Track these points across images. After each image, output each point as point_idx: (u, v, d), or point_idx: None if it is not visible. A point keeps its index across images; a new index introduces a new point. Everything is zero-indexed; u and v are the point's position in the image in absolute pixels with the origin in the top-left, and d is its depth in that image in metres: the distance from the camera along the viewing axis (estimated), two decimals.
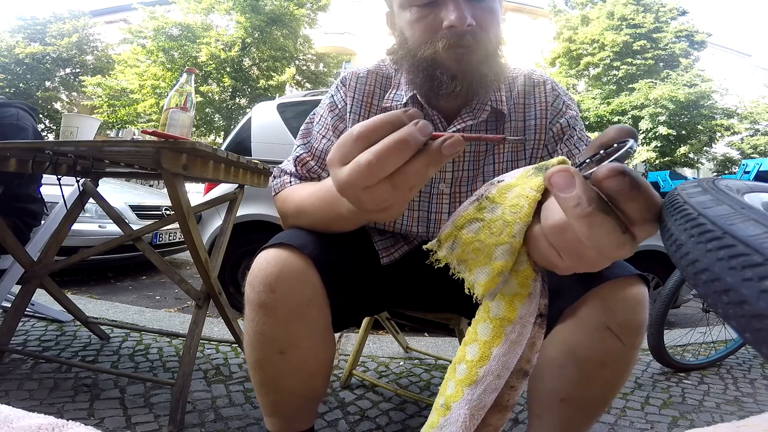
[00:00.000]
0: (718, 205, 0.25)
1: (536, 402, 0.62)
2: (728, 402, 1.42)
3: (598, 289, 0.56)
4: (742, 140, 14.61)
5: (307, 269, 0.56)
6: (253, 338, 0.59)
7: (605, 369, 0.56)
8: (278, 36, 13.04)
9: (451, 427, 0.38)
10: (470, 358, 0.38)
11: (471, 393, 0.38)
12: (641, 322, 0.56)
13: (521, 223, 0.33)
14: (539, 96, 0.70)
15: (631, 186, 0.26)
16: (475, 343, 0.39)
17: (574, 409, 0.58)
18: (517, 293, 0.36)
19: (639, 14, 13.52)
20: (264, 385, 0.63)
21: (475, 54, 0.59)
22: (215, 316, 1.71)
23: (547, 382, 0.60)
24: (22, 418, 0.25)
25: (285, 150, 2.40)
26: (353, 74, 0.74)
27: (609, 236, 0.27)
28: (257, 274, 0.56)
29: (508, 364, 0.37)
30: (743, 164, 1.96)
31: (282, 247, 0.57)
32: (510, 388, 0.39)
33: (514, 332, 0.37)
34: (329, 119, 0.73)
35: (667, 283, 1.71)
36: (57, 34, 14.45)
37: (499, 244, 0.34)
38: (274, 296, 0.55)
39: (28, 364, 1.27)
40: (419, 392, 1.35)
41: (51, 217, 1.45)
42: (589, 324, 0.56)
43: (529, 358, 0.39)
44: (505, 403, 0.40)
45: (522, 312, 0.36)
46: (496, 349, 0.37)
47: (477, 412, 0.37)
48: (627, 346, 0.55)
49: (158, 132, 0.90)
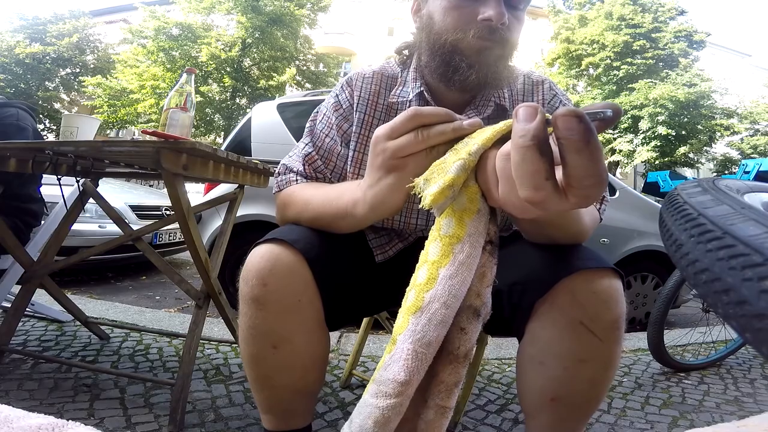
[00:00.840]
0: (718, 205, 0.25)
1: (527, 402, 0.62)
2: (728, 402, 1.42)
3: (567, 281, 0.55)
4: (742, 140, 14.62)
5: (298, 263, 0.57)
6: (246, 333, 0.60)
7: (586, 365, 0.55)
8: (278, 36, 13.04)
9: (394, 365, 0.35)
10: (419, 281, 0.36)
11: (415, 323, 0.35)
12: (615, 317, 0.54)
13: (479, 144, 0.35)
14: (537, 95, 0.73)
15: (583, 135, 0.27)
16: (425, 265, 0.37)
17: (566, 408, 0.58)
18: (466, 209, 0.36)
19: (638, 14, 13.52)
20: (258, 380, 0.63)
21: (497, 51, 0.62)
22: (215, 316, 1.71)
23: (532, 380, 0.60)
24: (22, 418, 0.25)
25: (285, 150, 2.36)
26: (359, 74, 0.76)
27: (531, 175, 0.29)
28: (250, 269, 0.57)
29: (455, 291, 0.35)
30: (743, 164, 1.96)
31: (275, 242, 0.58)
32: (460, 330, 0.37)
33: (463, 252, 0.35)
34: (333, 118, 0.74)
35: (667, 283, 1.71)
36: (57, 34, 14.45)
37: (456, 161, 0.35)
38: (266, 290, 0.56)
39: (28, 364, 1.27)
40: None
41: (51, 217, 1.45)
42: (561, 320, 0.55)
43: (479, 291, 0.38)
44: (456, 350, 0.37)
45: (471, 229, 0.36)
46: (443, 270, 0.35)
47: (421, 349, 0.34)
48: (604, 341, 0.54)
49: (158, 132, 0.90)
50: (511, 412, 1.24)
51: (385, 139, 0.42)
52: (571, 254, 0.58)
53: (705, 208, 0.25)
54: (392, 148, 0.41)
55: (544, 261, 0.59)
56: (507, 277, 0.61)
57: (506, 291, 0.61)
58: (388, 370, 0.35)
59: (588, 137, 0.27)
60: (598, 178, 0.28)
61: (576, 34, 14.20)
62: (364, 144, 0.72)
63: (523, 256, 0.63)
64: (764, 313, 0.19)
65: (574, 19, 14.46)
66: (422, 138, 0.40)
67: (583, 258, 0.57)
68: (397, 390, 0.34)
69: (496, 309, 0.64)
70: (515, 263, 0.63)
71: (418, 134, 0.40)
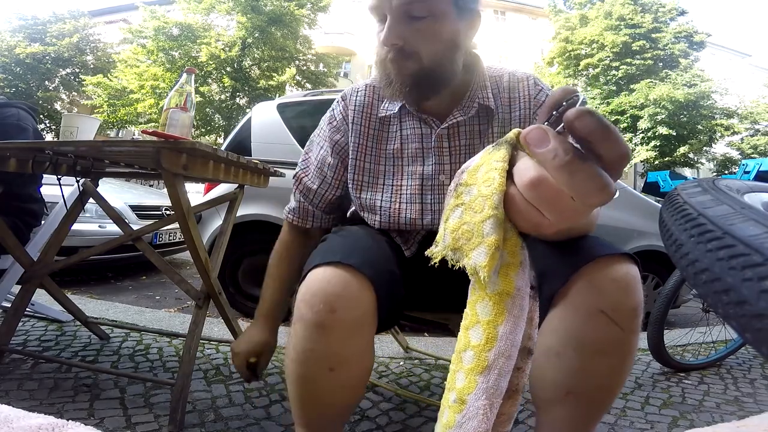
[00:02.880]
0: (718, 205, 0.25)
1: (541, 396, 0.61)
2: (728, 402, 1.42)
3: (585, 269, 0.55)
4: (742, 140, 14.61)
5: (366, 290, 0.57)
6: (301, 355, 0.58)
7: (606, 357, 0.55)
8: (278, 36, 13.04)
9: (471, 422, 0.35)
10: (475, 342, 0.36)
11: (485, 380, 0.35)
12: (635, 305, 0.54)
13: (498, 193, 0.33)
14: (523, 90, 0.77)
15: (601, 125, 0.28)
16: (477, 325, 0.37)
17: (582, 403, 0.57)
18: (509, 263, 0.36)
19: (638, 14, 13.52)
20: (306, 398, 0.62)
21: (407, 65, 0.68)
22: (215, 316, 1.71)
23: (548, 373, 0.59)
24: (22, 418, 0.25)
25: (285, 150, 2.40)
26: (352, 90, 0.85)
27: (590, 181, 0.28)
28: (316, 293, 0.56)
29: (515, 342, 0.36)
30: (743, 164, 1.96)
31: (340, 266, 0.57)
32: (517, 370, 0.39)
33: (516, 306, 0.36)
34: (327, 130, 0.85)
35: (667, 283, 1.71)
36: (57, 34, 14.45)
37: (485, 220, 0.33)
38: (334, 316, 0.55)
39: (28, 364, 1.27)
40: (419, 392, 1.35)
41: (51, 217, 1.45)
42: (582, 309, 0.55)
43: (530, 334, 0.39)
44: (515, 387, 0.39)
45: (518, 283, 0.36)
46: (501, 328, 0.35)
47: (495, 400, 0.36)
48: (625, 331, 0.54)
49: (158, 132, 0.90)
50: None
51: None
52: (586, 244, 0.58)
53: (705, 208, 0.25)
54: None
55: (561, 252, 0.59)
56: None
57: None
58: (464, 428, 0.36)
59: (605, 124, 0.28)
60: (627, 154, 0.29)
61: (575, 34, 14.20)
62: (363, 152, 0.81)
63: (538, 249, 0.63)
64: (764, 313, 0.19)
65: (575, 19, 14.45)
66: None
67: (598, 246, 0.57)
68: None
69: None
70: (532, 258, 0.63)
71: None
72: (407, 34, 0.66)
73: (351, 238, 0.66)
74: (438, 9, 0.66)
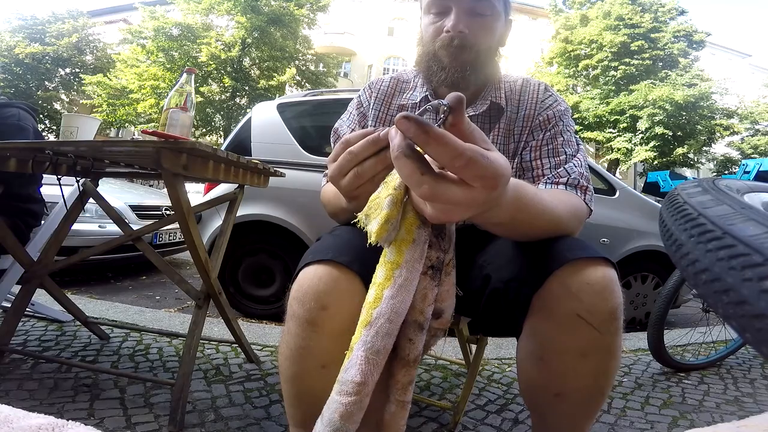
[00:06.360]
0: (718, 205, 0.25)
1: (532, 399, 0.61)
2: (728, 402, 1.42)
3: (559, 273, 0.54)
4: (742, 140, 14.63)
5: (356, 287, 0.57)
6: (294, 352, 0.58)
7: (588, 358, 0.55)
8: (278, 36, 13.05)
9: (351, 369, 0.41)
10: (368, 300, 0.43)
11: (366, 334, 0.41)
12: (613, 307, 0.54)
13: None
14: (533, 92, 0.82)
15: (418, 129, 0.30)
16: (373, 286, 0.43)
17: (572, 403, 0.58)
18: (403, 239, 0.41)
19: (637, 14, 13.51)
20: (298, 396, 0.62)
21: (464, 54, 0.74)
22: (215, 316, 1.71)
23: (534, 376, 0.59)
24: (22, 418, 0.25)
25: (285, 150, 2.40)
26: (379, 79, 0.91)
27: (410, 176, 0.32)
28: (308, 290, 0.56)
29: (397, 308, 0.41)
30: (743, 164, 1.97)
31: (330, 263, 0.58)
32: (409, 341, 0.44)
33: (401, 276, 0.41)
34: (356, 114, 0.90)
35: (667, 283, 1.71)
36: (57, 34, 14.46)
37: (387, 197, 0.39)
38: (325, 313, 0.55)
39: (28, 364, 1.27)
40: (419, 392, 1.35)
41: (51, 217, 1.45)
42: (559, 313, 0.55)
43: (422, 309, 0.44)
44: (407, 356, 0.45)
45: (407, 257, 0.41)
46: (386, 291, 0.41)
47: (372, 356, 0.41)
48: (604, 334, 0.54)
49: (158, 132, 0.90)
50: (511, 412, 1.24)
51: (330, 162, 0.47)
52: (561, 246, 0.57)
53: (705, 208, 0.25)
54: (332, 174, 0.45)
55: (537, 255, 0.59)
56: (503, 275, 0.61)
57: (503, 288, 0.61)
58: (347, 373, 0.41)
59: (425, 129, 0.30)
60: (462, 158, 0.31)
61: (574, 34, 14.20)
62: None
63: (516, 252, 0.63)
64: (764, 313, 0.19)
65: (575, 18, 14.45)
66: (351, 157, 0.43)
67: (572, 249, 0.56)
68: (355, 389, 0.40)
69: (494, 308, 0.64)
70: (510, 260, 0.63)
71: (347, 155, 0.43)
72: (472, 25, 0.73)
73: (344, 237, 0.66)
74: (496, 10, 0.75)
